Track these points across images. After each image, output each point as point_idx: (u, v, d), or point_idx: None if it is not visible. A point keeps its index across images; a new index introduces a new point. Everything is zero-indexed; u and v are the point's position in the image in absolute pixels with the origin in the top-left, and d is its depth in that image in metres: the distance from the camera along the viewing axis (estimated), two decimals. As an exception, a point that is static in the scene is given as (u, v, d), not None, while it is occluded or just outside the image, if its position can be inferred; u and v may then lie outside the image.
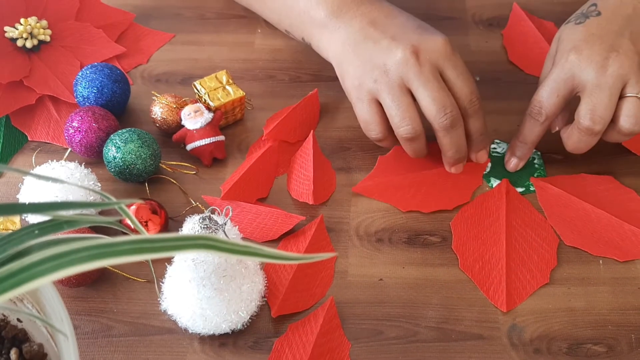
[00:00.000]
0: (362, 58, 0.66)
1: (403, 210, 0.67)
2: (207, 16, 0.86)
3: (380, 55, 0.64)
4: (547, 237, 0.65)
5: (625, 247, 0.64)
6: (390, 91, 0.64)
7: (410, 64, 0.63)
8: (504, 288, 0.61)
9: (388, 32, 0.65)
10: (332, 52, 0.69)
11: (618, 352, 0.58)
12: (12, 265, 0.34)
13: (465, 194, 0.68)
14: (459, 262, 0.63)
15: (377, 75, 0.64)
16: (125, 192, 0.69)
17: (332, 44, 0.69)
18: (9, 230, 0.64)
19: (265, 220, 0.66)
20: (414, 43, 0.64)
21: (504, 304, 0.60)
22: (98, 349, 0.58)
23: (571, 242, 0.64)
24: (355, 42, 0.66)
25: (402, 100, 0.63)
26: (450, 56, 0.64)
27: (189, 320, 0.57)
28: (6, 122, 0.74)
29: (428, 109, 0.63)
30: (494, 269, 0.63)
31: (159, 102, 0.71)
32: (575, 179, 0.69)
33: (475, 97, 0.65)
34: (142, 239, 0.35)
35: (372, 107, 0.66)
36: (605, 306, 0.60)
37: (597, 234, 0.65)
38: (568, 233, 0.65)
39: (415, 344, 0.58)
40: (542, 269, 0.63)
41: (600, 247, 0.64)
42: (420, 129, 0.64)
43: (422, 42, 0.64)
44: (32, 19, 0.80)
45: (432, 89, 0.62)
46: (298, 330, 0.59)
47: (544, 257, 0.63)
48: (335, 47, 0.69)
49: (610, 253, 0.63)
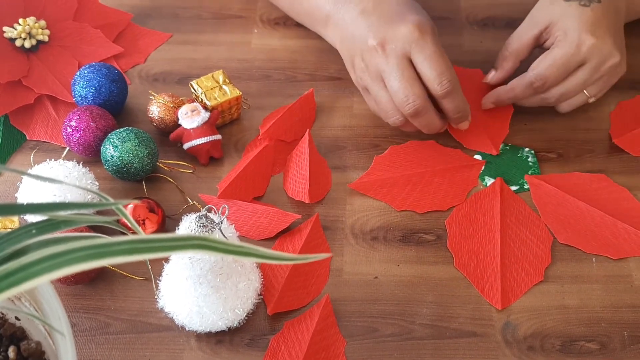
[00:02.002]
0: (350, 52, 0.69)
1: (397, 209, 0.67)
2: (204, 16, 0.87)
3: (359, 48, 0.67)
4: (541, 235, 0.65)
5: (618, 244, 0.64)
6: (372, 84, 0.67)
7: (377, 56, 0.65)
8: (499, 286, 0.62)
9: (369, 21, 0.67)
10: (338, 47, 0.72)
11: (611, 350, 0.58)
12: (10, 264, 0.34)
13: (460, 194, 0.69)
14: (454, 261, 0.64)
15: (361, 70, 0.67)
16: (122, 190, 0.69)
17: (337, 39, 0.72)
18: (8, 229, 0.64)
19: (261, 219, 0.66)
20: (382, 34, 0.65)
21: (499, 302, 0.61)
22: (95, 346, 0.59)
23: (565, 240, 0.65)
24: (349, 37, 0.69)
25: (382, 93, 0.66)
26: (417, 41, 0.64)
27: (186, 318, 0.57)
28: (5, 121, 0.75)
29: (394, 97, 0.65)
30: (488, 267, 0.63)
31: (156, 102, 0.71)
32: (569, 178, 0.70)
33: (446, 79, 0.64)
34: (138, 239, 0.35)
35: (370, 97, 0.69)
36: (599, 304, 0.61)
37: (590, 232, 0.65)
38: (562, 231, 0.66)
39: (410, 342, 0.59)
40: (536, 267, 0.63)
41: (593, 245, 0.64)
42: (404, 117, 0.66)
43: (389, 31, 0.65)
44: (31, 19, 0.80)
45: (395, 79, 0.64)
46: (294, 327, 0.59)
47: (538, 254, 0.64)
48: (338, 41, 0.71)
49: (604, 251, 0.64)
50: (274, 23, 0.85)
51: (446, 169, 0.70)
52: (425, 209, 0.68)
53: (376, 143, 0.73)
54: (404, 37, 0.64)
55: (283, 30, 0.84)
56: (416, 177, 0.70)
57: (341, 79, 0.79)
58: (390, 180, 0.70)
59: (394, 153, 0.72)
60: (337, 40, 0.72)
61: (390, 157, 0.72)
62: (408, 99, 0.64)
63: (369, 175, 0.70)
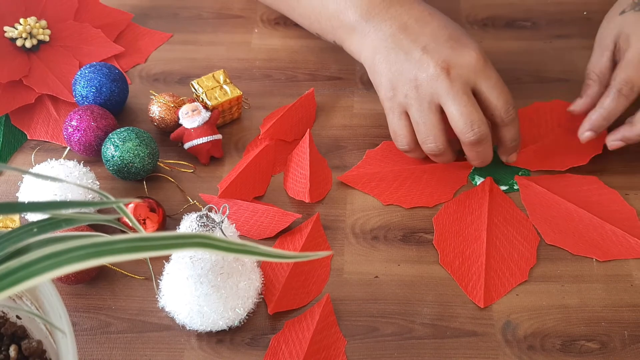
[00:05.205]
0: (393, 69, 0.65)
1: (384, 203, 0.68)
2: (204, 16, 0.87)
3: (411, 69, 0.64)
4: (528, 236, 0.65)
5: (606, 246, 0.64)
6: (420, 107, 0.64)
7: (441, 80, 0.63)
8: (482, 284, 0.62)
9: (419, 41, 0.65)
10: (364, 57, 0.69)
11: (611, 349, 0.58)
12: (11, 263, 0.34)
13: (448, 192, 0.69)
14: (439, 258, 0.64)
15: (408, 89, 0.64)
16: (123, 190, 0.69)
17: (364, 49, 0.68)
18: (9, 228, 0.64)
19: (262, 218, 0.66)
20: (445, 58, 0.63)
21: (482, 300, 0.61)
22: (96, 345, 0.59)
23: (552, 240, 0.65)
24: (386, 51, 0.66)
25: (430, 117, 0.64)
26: (483, 69, 0.64)
27: (187, 317, 0.57)
28: (6, 121, 0.75)
29: (456, 123, 0.63)
30: (473, 265, 0.63)
31: (157, 101, 0.72)
32: (559, 179, 0.70)
33: (511, 107, 0.64)
34: (139, 238, 0.35)
35: (402, 120, 0.66)
36: (599, 303, 0.61)
37: (578, 234, 0.65)
38: (549, 232, 0.65)
39: (410, 341, 0.59)
40: (521, 267, 0.63)
41: (580, 246, 0.64)
42: (444, 147, 0.65)
43: (454, 57, 0.63)
44: (32, 19, 0.80)
45: (460, 104, 0.62)
46: (294, 327, 0.59)
47: (523, 255, 0.64)
48: (367, 52, 0.68)
49: (591, 252, 0.64)
50: (275, 23, 0.85)
51: (436, 167, 0.70)
52: (411, 205, 0.68)
53: (377, 143, 0.73)
54: (469, 65, 0.63)
55: (284, 30, 0.85)
56: (405, 173, 0.70)
57: (342, 78, 0.79)
58: (380, 174, 0.70)
59: (386, 148, 0.72)
60: (363, 51, 0.68)
61: (382, 152, 0.72)
62: (473, 125, 0.62)
63: (359, 168, 0.70)
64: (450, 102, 0.63)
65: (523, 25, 0.85)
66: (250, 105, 0.76)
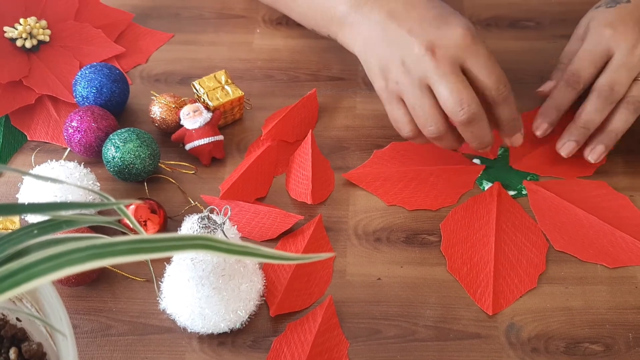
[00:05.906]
0: (382, 58, 0.64)
1: (387, 203, 0.67)
2: (205, 16, 0.87)
3: (398, 54, 0.63)
4: (537, 242, 0.65)
5: (615, 253, 0.64)
6: (412, 91, 0.62)
7: (426, 60, 0.61)
8: (491, 291, 0.61)
9: (405, 25, 0.63)
10: (357, 48, 0.68)
11: (615, 351, 0.58)
12: (11, 264, 0.34)
13: (453, 196, 0.68)
14: (446, 264, 0.63)
15: (398, 75, 0.63)
16: (124, 191, 0.69)
17: (357, 41, 0.67)
18: (9, 230, 0.64)
19: (263, 220, 0.66)
20: (430, 38, 0.61)
21: (490, 307, 0.60)
22: (97, 348, 0.58)
23: (561, 247, 0.64)
24: (375, 39, 0.65)
25: (424, 100, 0.62)
26: (470, 46, 0.61)
27: (188, 320, 0.57)
28: (6, 122, 0.74)
29: (445, 103, 0.61)
30: (481, 272, 0.63)
31: (157, 102, 0.71)
32: (568, 184, 0.69)
33: (503, 85, 0.62)
34: (140, 239, 0.35)
35: (400, 108, 0.65)
36: (603, 305, 0.61)
37: (587, 240, 0.65)
38: (558, 238, 0.65)
39: (413, 343, 0.59)
40: (530, 274, 0.62)
41: (590, 253, 0.64)
42: (444, 128, 0.63)
43: (439, 36, 0.61)
44: (32, 19, 0.80)
45: (448, 83, 0.60)
46: (296, 329, 0.59)
47: (532, 261, 0.63)
48: (359, 44, 0.67)
49: (600, 259, 0.63)
50: (276, 23, 0.85)
51: (443, 170, 0.70)
52: (415, 207, 0.67)
53: (379, 144, 0.73)
54: (455, 42, 0.61)
55: (285, 30, 0.84)
56: (411, 174, 0.70)
57: (344, 79, 0.79)
58: (385, 174, 0.69)
59: (394, 149, 0.72)
60: (356, 43, 0.68)
61: (390, 152, 0.72)
62: (462, 103, 0.60)
63: (365, 167, 0.70)
64: (437, 82, 0.61)
65: (526, 25, 0.85)
66: (252, 105, 0.76)
